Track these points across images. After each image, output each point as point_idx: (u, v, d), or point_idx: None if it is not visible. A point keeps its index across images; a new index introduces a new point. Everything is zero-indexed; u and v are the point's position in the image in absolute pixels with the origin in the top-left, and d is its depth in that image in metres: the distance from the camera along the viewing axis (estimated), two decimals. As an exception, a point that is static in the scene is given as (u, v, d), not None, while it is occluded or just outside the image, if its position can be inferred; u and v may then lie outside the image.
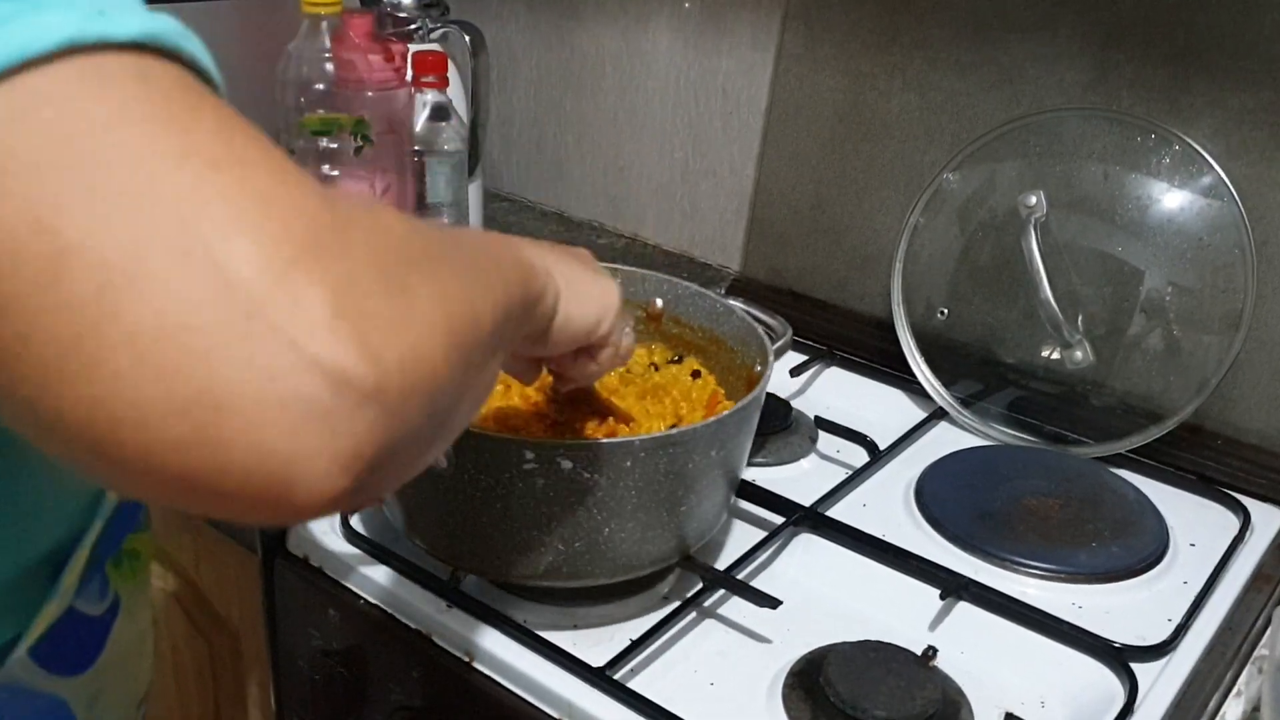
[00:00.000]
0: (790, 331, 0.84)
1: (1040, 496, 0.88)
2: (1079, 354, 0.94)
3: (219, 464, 0.28)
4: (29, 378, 0.28)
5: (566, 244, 0.59)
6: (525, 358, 0.60)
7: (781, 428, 0.95)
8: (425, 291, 0.32)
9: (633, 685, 0.67)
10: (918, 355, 1.01)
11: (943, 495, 0.88)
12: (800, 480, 0.90)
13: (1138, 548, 0.83)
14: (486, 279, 0.39)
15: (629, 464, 0.66)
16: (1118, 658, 0.72)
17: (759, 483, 0.87)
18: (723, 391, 0.82)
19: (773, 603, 0.72)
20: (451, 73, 1.15)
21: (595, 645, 0.71)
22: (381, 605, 0.76)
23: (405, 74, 1.09)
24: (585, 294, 0.53)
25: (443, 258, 0.35)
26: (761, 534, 0.81)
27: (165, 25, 0.31)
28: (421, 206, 1.07)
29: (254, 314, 0.27)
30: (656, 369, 0.84)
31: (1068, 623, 0.74)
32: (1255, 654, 0.75)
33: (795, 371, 1.04)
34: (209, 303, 0.27)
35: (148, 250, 0.27)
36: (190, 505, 0.30)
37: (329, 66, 1.07)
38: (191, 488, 0.28)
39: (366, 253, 0.31)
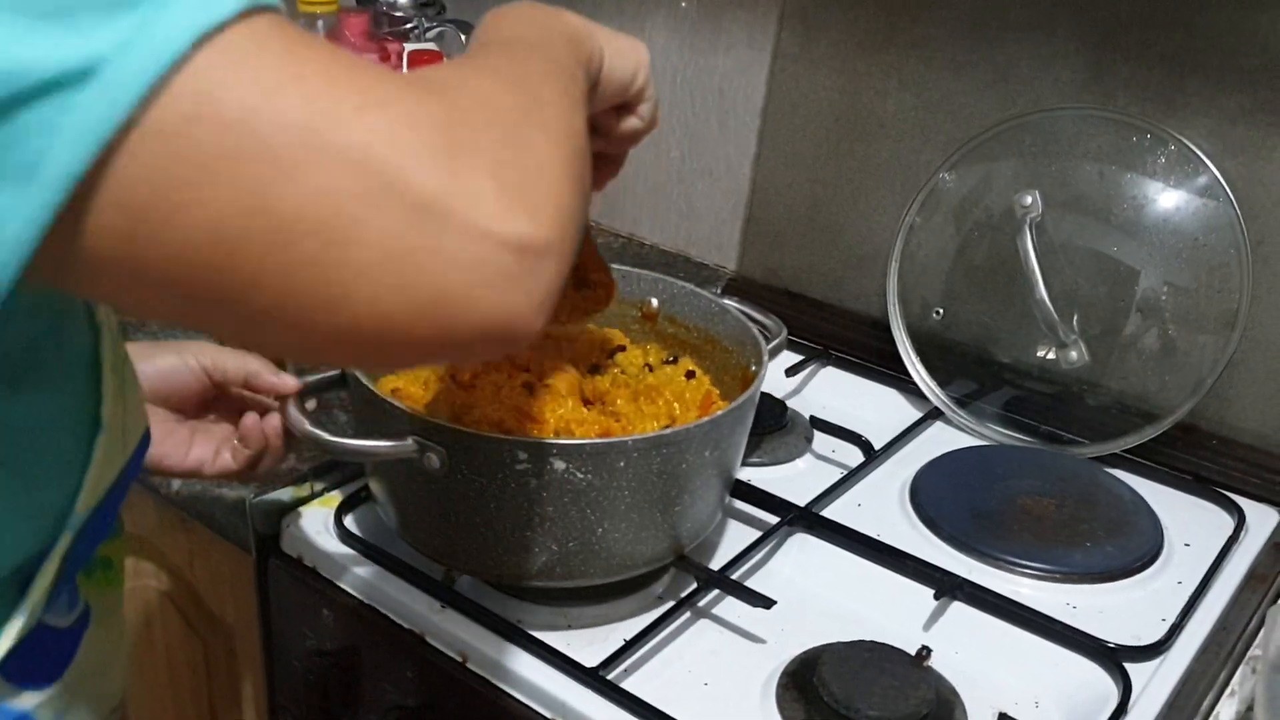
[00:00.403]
0: (785, 331, 0.84)
1: (1035, 496, 0.88)
2: (1074, 354, 0.94)
3: (456, 338, 0.36)
4: (293, 325, 0.35)
5: None
6: None
7: (777, 427, 0.95)
8: (538, 136, 0.38)
9: (626, 685, 0.67)
10: (913, 355, 1.01)
11: (938, 495, 0.88)
12: (795, 480, 0.90)
13: (1132, 547, 0.83)
14: (560, 80, 0.44)
15: (622, 464, 0.66)
16: (1112, 657, 0.72)
17: (754, 482, 0.87)
18: (717, 392, 0.82)
19: (767, 603, 0.72)
20: (447, 72, 1.15)
21: (589, 645, 0.71)
22: (375, 605, 0.76)
23: (401, 73, 1.08)
24: (622, 49, 0.57)
25: (530, 94, 0.40)
26: (756, 534, 0.81)
27: None
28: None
29: (445, 224, 0.34)
30: (651, 369, 0.84)
31: (1062, 622, 0.74)
32: (1249, 654, 0.75)
33: (791, 371, 1.04)
34: (407, 227, 0.34)
35: (344, 201, 0.33)
36: (435, 363, 0.43)
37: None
38: (437, 355, 0.40)
39: (489, 130, 0.37)
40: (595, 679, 0.67)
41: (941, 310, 1.01)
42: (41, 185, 0.31)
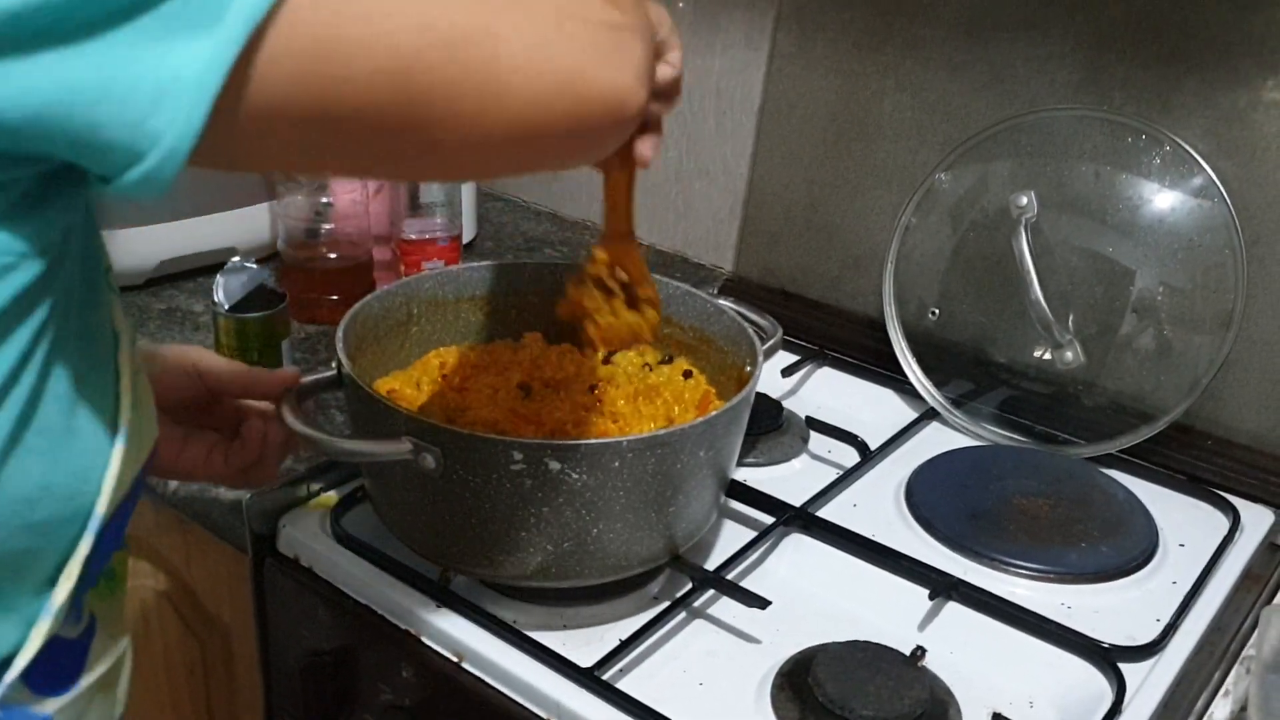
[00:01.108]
0: (780, 331, 0.84)
1: (1030, 497, 0.88)
2: (1070, 354, 0.94)
3: (589, 110, 0.45)
4: (464, 125, 0.42)
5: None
6: None
7: (772, 428, 0.95)
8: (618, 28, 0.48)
9: (621, 685, 0.68)
10: (909, 355, 1.01)
11: (933, 495, 0.88)
12: (791, 480, 0.90)
13: (1127, 548, 0.83)
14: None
15: (617, 464, 0.66)
16: (1106, 658, 0.72)
17: (749, 483, 0.87)
18: (714, 391, 0.82)
19: (762, 603, 0.72)
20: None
21: (584, 645, 0.71)
22: (371, 605, 0.76)
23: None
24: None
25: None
26: (752, 534, 0.81)
27: None
28: (415, 207, 1.07)
29: (564, 19, 0.44)
30: (650, 369, 0.84)
31: (1056, 623, 0.74)
32: (1243, 654, 0.75)
33: (787, 371, 1.04)
34: (540, 25, 0.43)
35: (490, 13, 0.41)
36: (579, 147, 0.50)
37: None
38: (579, 133, 0.46)
39: (580, 24, 0.45)
40: (591, 679, 0.67)
41: (937, 310, 1.01)
42: (229, 24, 0.35)
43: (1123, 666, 0.71)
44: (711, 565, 0.78)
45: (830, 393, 1.05)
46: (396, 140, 0.42)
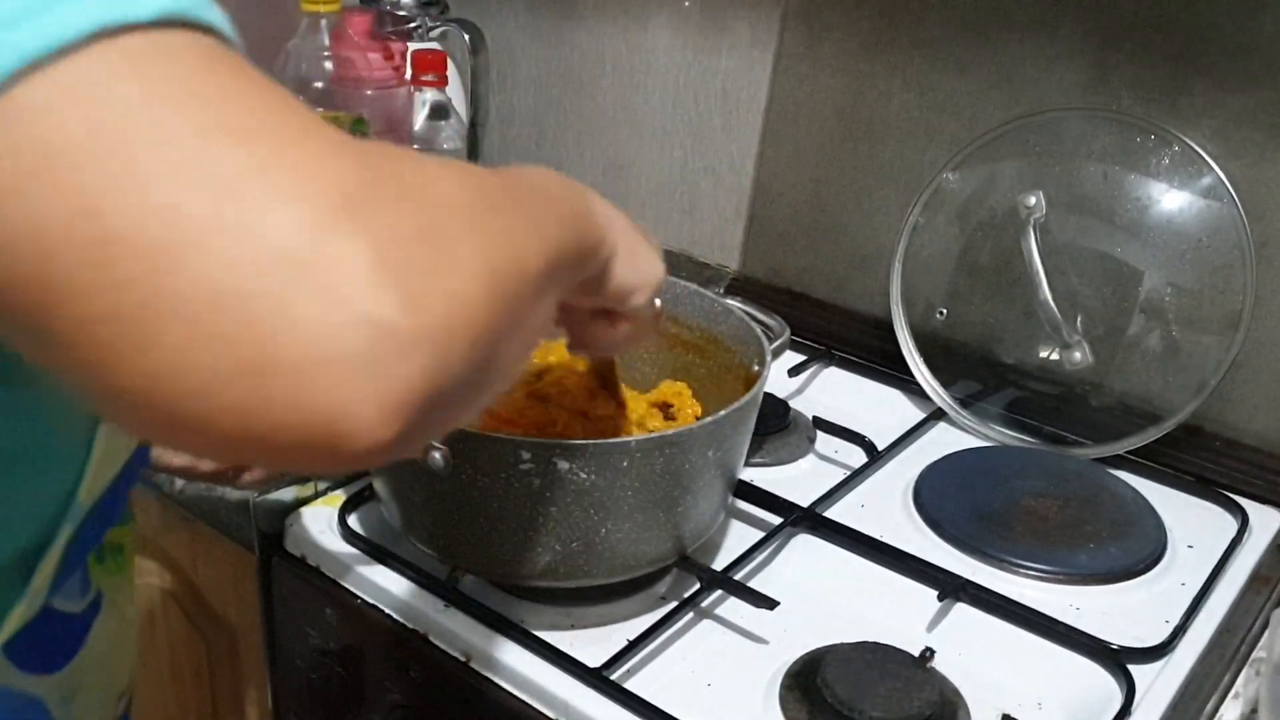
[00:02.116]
0: (788, 331, 0.84)
1: (1038, 497, 0.88)
2: (1078, 355, 0.94)
3: (274, 422, 0.29)
4: (91, 355, 0.29)
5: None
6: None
7: (780, 428, 0.95)
8: (468, 239, 0.33)
9: (630, 686, 0.67)
10: (916, 355, 1.01)
11: (941, 496, 0.88)
12: (798, 480, 0.90)
13: (1136, 549, 0.82)
14: (540, 224, 0.40)
15: (625, 464, 0.66)
16: (1115, 659, 0.71)
17: (757, 483, 0.87)
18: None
19: (770, 603, 0.72)
20: (451, 71, 1.15)
21: (592, 645, 0.71)
22: (379, 605, 0.76)
23: (404, 72, 1.09)
24: (635, 257, 0.53)
25: (491, 205, 0.36)
26: (759, 534, 0.81)
27: None
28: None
29: (296, 277, 0.29)
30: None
31: (1065, 624, 0.74)
32: (1253, 656, 0.75)
33: (794, 371, 1.04)
34: (253, 272, 0.28)
35: (190, 228, 0.28)
36: (250, 459, 0.34)
37: (328, 64, 1.07)
38: (249, 444, 0.30)
39: (405, 205, 0.32)
40: (598, 679, 0.67)
41: (945, 311, 1.01)
42: None
43: (1132, 668, 0.71)
44: (719, 565, 0.78)
45: (837, 393, 1.04)
46: (20, 329, 0.30)
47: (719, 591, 0.75)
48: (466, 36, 1.23)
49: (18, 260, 0.29)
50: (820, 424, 0.96)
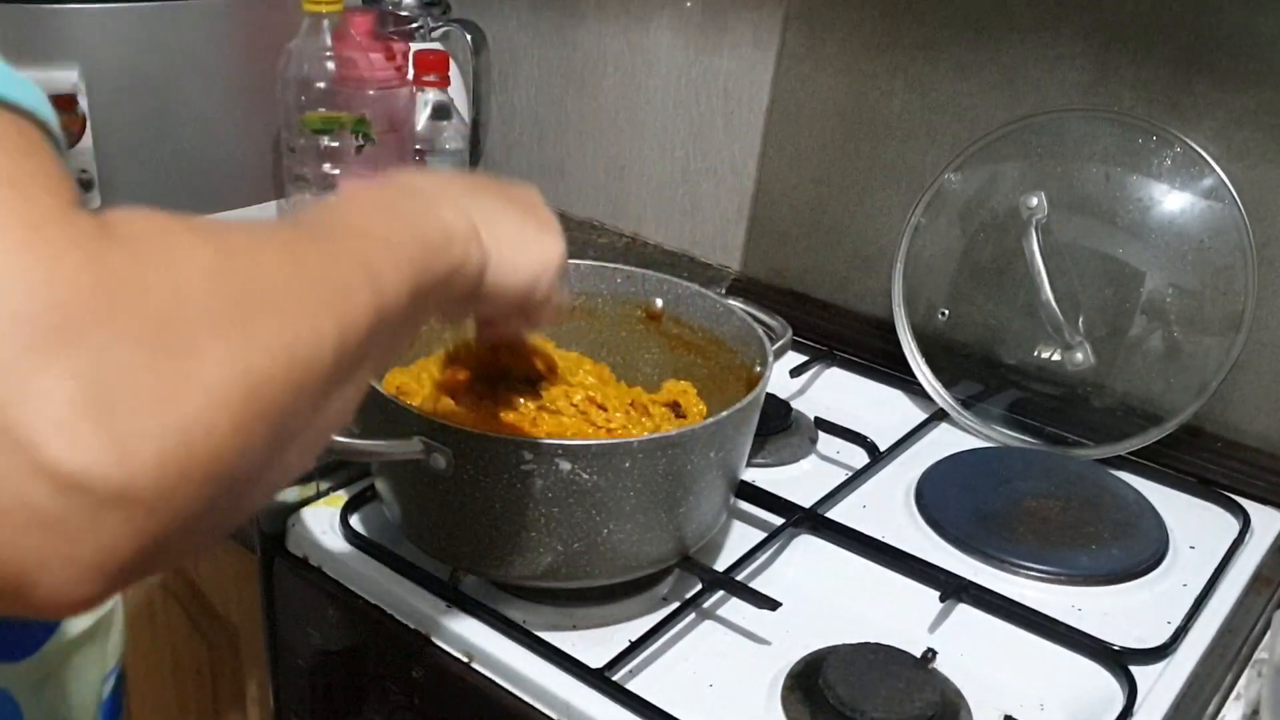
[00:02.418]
0: (790, 332, 0.84)
1: (1040, 498, 0.88)
2: (1079, 355, 0.94)
3: None
4: None
5: (519, 191, 0.53)
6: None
7: (781, 428, 0.95)
8: (217, 347, 0.28)
9: (631, 686, 0.67)
10: (918, 356, 1.01)
11: (943, 497, 0.88)
12: (800, 481, 0.90)
13: (1137, 550, 0.82)
14: (346, 285, 0.35)
15: (628, 465, 0.66)
16: (1117, 660, 0.71)
17: (759, 483, 0.87)
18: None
19: (772, 604, 0.72)
20: (453, 71, 1.15)
21: (594, 646, 0.71)
22: (380, 605, 0.76)
23: (406, 73, 1.09)
24: (517, 254, 0.49)
25: (265, 292, 0.31)
26: (761, 535, 0.81)
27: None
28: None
29: None
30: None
31: (1067, 625, 0.74)
32: (1255, 657, 0.75)
33: (795, 372, 1.04)
34: None
35: None
36: None
37: (330, 65, 1.07)
38: None
39: (137, 317, 0.27)
40: (601, 680, 0.67)
41: (947, 311, 1.01)
42: None
43: (1134, 669, 0.71)
44: (721, 566, 0.78)
45: (839, 393, 1.04)
46: None
47: (721, 592, 0.75)
48: (468, 36, 1.23)
49: None
50: (822, 424, 0.96)
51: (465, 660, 0.71)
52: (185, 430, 0.27)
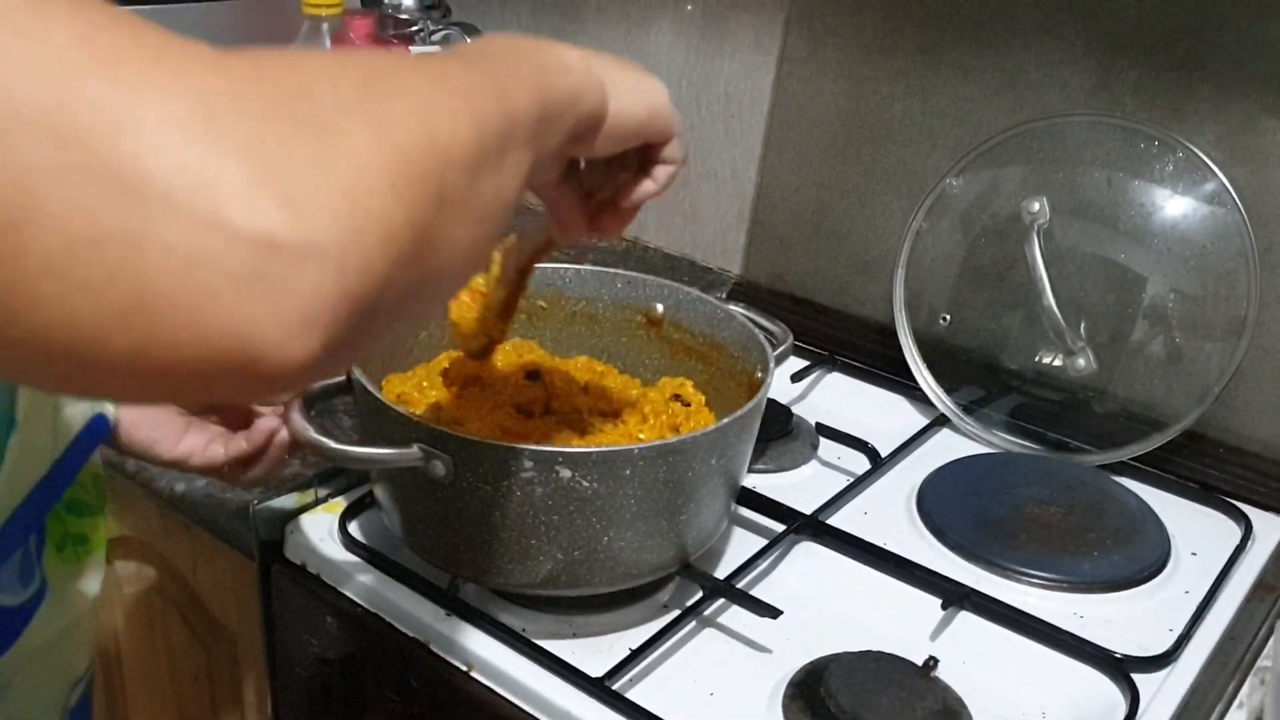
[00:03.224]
0: (791, 337, 0.84)
1: (1042, 505, 0.87)
2: (1081, 361, 0.94)
3: (181, 356, 0.28)
4: None
5: None
6: (566, 197, 0.58)
7: (782, 434, 0.95)
8: (361, 128, 0.31)
9: (632, 695, 0.67)
10: (920, 361, 1.01)
11: (944, 503, 0.87)
12: (801, 487, 0.89)
13: (1139, 557, 0.82)
14: (474, 94, 0.37)
15: (628, 472, 0.66)
16: (1119, 668, 0.71)
17: (760, 490, 0.86)
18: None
19: (773, 612, 0.71)
20: (452, 75, 1.15)
21: (594, 654, 0.71)
22: (379, 613, 0.75)
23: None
24: (633, 88, 0.51)
25: (391, 85, 0.33)
26: (762, 542, 0.81)
27: None
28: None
29: (161, 204, 0.27)
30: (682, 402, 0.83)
31: (1069, 633, 0.73)
32: (1257, 665, 0.74)
33: (796, 377, 1.04)
34: (111, 207, 0.27)
35: (34, 171, 0.26)
36: (171, 398, 0.32)
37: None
38: (167, 381, 0.29)
39: (278, 106, 0.29)
40: (600, 689, 0.67)
41: (948, 316, 1.00)
42: None
43: (1136, 677, 0.70)
44: (722, 573, 0.77)
45: (840, 399, 1.04)
46: None
47: (722, 600, 0.75)
48: (468, 40, 1.23)
49: None
50: (823, 430, 0.96)
51: (464, 669, 0.71)
52: (348, 191, 0.29)
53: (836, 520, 0.85)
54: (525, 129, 0.40)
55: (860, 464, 0.92)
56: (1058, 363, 0.95)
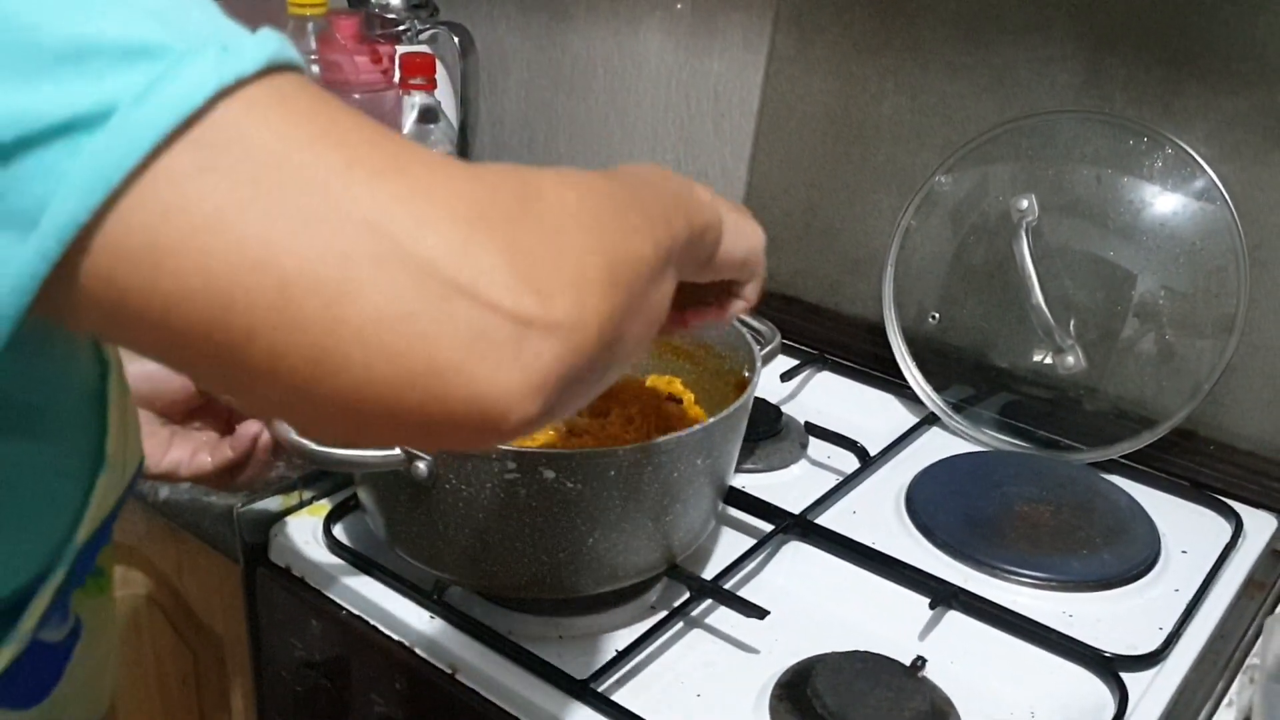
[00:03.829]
0: (779, 337, 0.83)
1: (1032, 503, 0.87)
2: (1071, 359, 0.94)
3: (447, 413, 0.34)
4: (285, 385, 0.33)
5: None
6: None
7: (771, 433, 0.95)
8: (584, 238, 0.37)
9: (617, 698, 0.67)
10: (909, 360, 1.00)
11: (933, 502, 0.87)
12: (790, 487, 0.89)
13: (1129, 555, 0.82)
14: (651, 216, 0.44)
15: (612, 473, 0.65)
16: (1108, 667, 0.71)
17: (748, 489, 0.86)
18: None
19: (760, 613, 0.71)
20: (440, 74, 1.14)
21: (580, 657, 0.70)
22: (364, 616, 0.75)
23: (393, 76, 1.08)
24: (740, 230, 0.59)
25: (603, 205, 0.40)
26: (750, 542, 0.81)
27: (275, 41, 0.34)
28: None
29: (449, 290, 0.33)
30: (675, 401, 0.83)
31: (1058, 632, 0.73)
32: (1247, 663, 0.74)
33: (786, 376, 1.03)
34: (412, 291, 0.32)
35: (352, 262, 0.32)
36: (427, 445, 0.41)
37: (315, 68, 1.06)
38: (431, 434, 0.35)
39: (527, 216, 0.36)
40: (586, 691, 0.66)
41: (938, 315, 1.00)
42: (43, 233, 0.30)
43: (1125, 676, 0.70)
44: (709, 574, 0.77)
45: (830, 398, 1.04)
46: (219, 369, 0.34)
47: (709, 601, 0.75)
48: (456, 39, 1.23)
49: (198, 310, 0.32)
50: (812, 429, 0.95)
51: (449, 671, 0.70)
52: (580, 288, 0.36)
53: (825, 520, 0.85)
54: (679, 250, 0.47)
55: (849, 463, 0.92)
56: (1047, 361, 0.95)
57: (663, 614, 0.73)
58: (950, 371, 1.00)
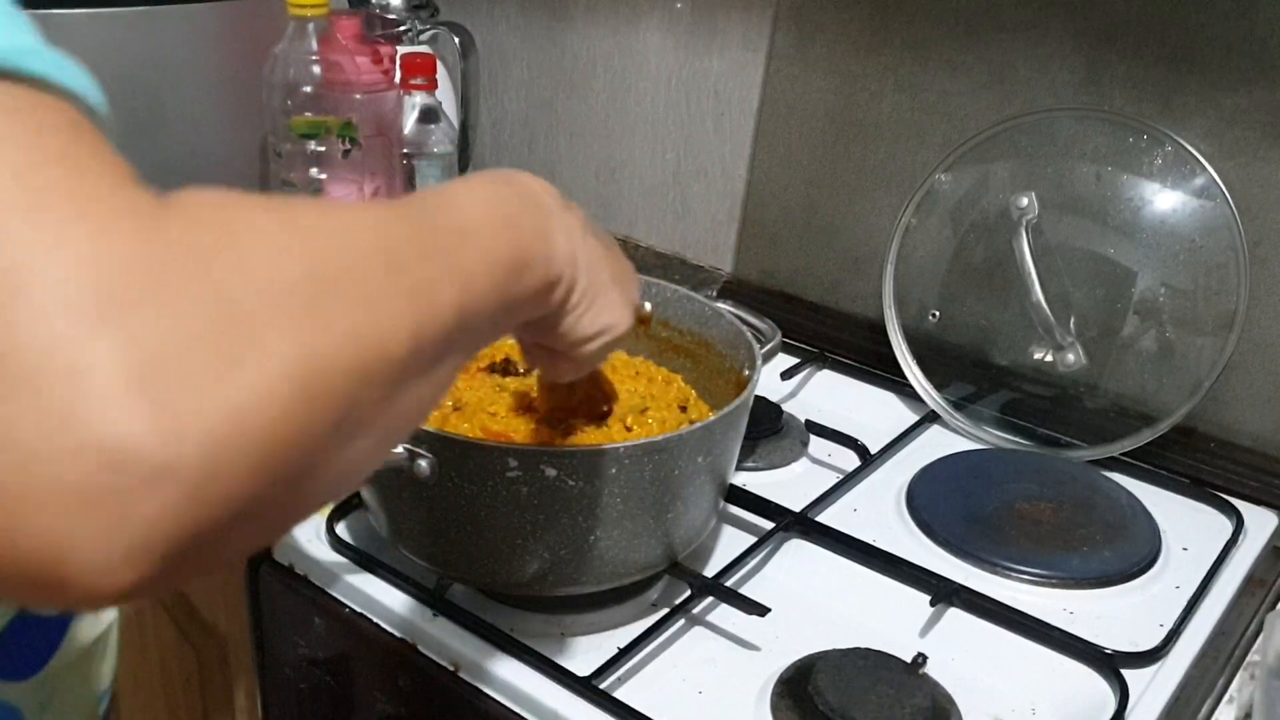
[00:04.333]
0: (779, 335, 0.83)
1: (1032, 500, 0.87)
2: (1071, 356, 0.94)
3: (17, 571, 0.24)
4: None
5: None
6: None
7: (772, 431, 0.95)
8: (279, 332, 0.27)
9: (619, 694, 0.67)
10: (909, 358, 1.01)
11: (934, 500, 0.87)
12: (791, 484, 0.89)
13: (1130, 552, 0.82)
14: (420, 289, 0.33)
15: (614, 470, 0.65)
16: (1109, 664, 0.71)
17: (749, 487, 0.86)
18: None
19: (761, 610, 0.71)
20: (441, 74, 1.15)
21: (582, 654, 0.71)
22: (367, 614, 0.75)
23: (394, 76, 1.08)
24: (599, 309, 0.49)
25: (334, 278, 0.29)
26: (751, 539, 0.81)
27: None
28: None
29: (21, 384, 0.23)
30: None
31: (1059, 629, 0.73)
32: (1247, 660, 0.74)
33: (786, 374, 1.03)
34: None
35: None
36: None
37: (316, 69, 1.06)
38: None
39: (193, 290, 0.26)
40: (588, 688, 0.67)
41: (938, 313, 1.00)
42: None
43: (1126, 673, 0.70)
44: (710, 571, 0.77)
45: (830, 396, 1.04)
46: None
47: (710, 598, 0.75)
48: (456, 39, 1.23)
49: None
50: (813, 427, 0.95)
51: (452, 669, 0.71)
52: (237, 409, 0.25)
53: (826, 517, 0.85)
54: (476, 324, 0.36)
55: (850, 461, 0.92)
56: (1048, 358, 0.95)
57: (664, 611, 0.73)
58: (950, 369, 1.00)
